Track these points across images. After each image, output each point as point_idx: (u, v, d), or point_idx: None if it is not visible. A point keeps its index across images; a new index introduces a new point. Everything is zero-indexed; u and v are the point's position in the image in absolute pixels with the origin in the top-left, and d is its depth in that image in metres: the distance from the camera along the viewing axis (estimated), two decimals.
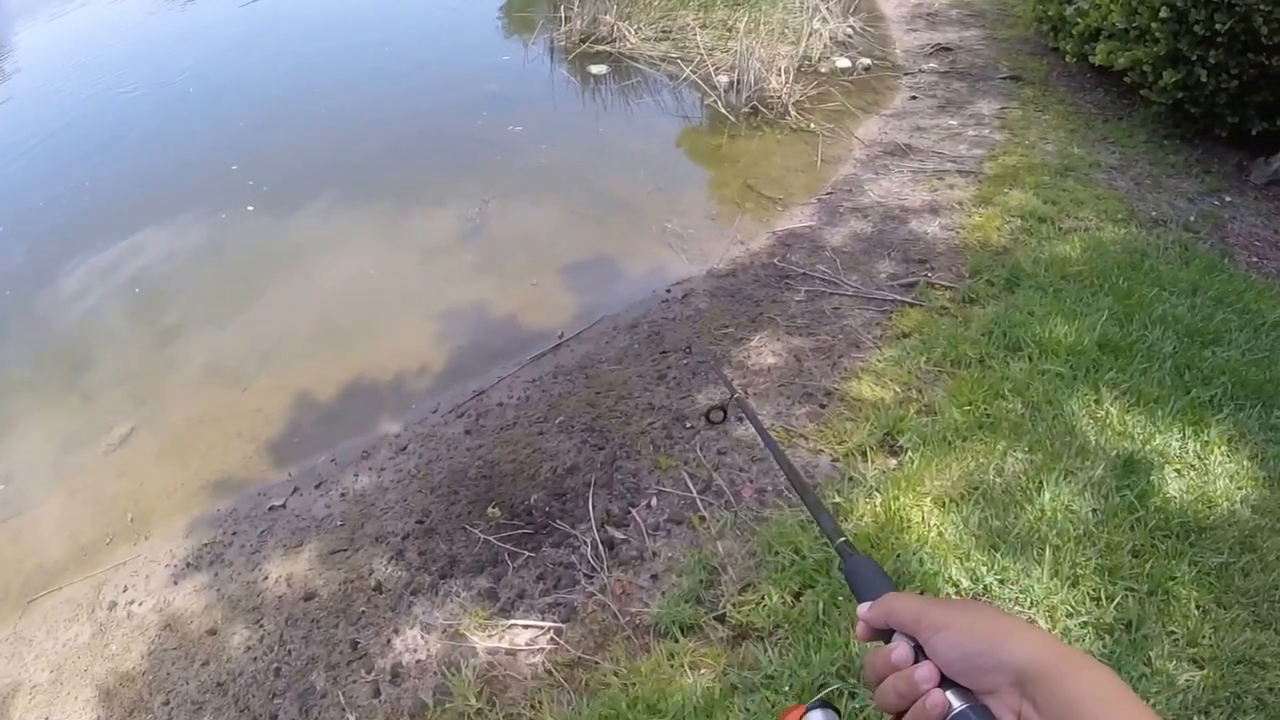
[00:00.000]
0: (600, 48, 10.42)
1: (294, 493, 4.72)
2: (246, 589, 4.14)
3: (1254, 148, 7.33)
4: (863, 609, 1.05)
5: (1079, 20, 8.31)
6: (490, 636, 3.65)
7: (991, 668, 0.88)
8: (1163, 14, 6.84)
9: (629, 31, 10.47)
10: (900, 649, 0.95)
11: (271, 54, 11.23)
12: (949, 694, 0.89)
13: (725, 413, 2.16)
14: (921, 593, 3.26)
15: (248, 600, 4.08)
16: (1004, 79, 9.40)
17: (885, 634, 1.01)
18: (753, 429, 1.77)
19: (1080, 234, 6.16)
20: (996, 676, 0.87)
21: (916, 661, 0.94)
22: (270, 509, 4.62)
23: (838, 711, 1.10)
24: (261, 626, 3.93)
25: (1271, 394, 4.50)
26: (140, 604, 4.20)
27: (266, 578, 4.18)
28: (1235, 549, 3.65)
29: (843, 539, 1.27)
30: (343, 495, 4.62)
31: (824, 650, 3.23)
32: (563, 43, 10.74)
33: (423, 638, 3.71)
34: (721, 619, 3.52)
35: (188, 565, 4.36)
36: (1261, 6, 6.27)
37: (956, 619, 0.93)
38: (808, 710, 1.11)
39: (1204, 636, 3.28)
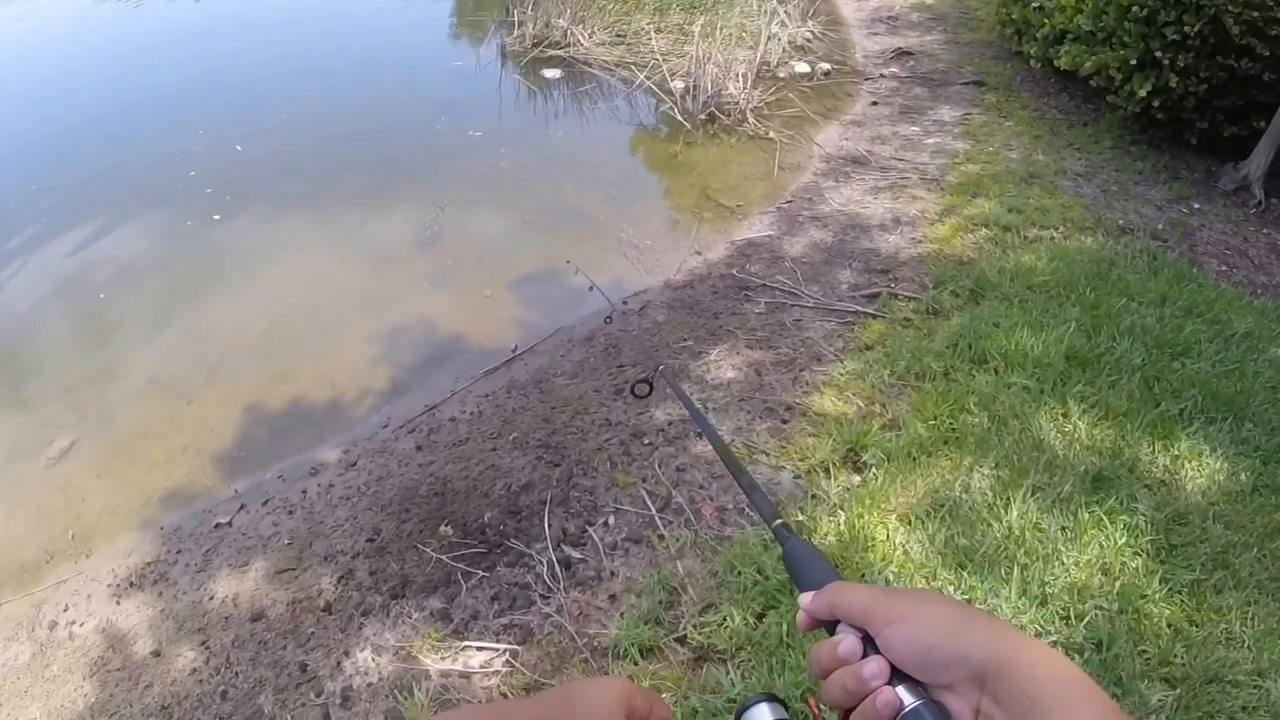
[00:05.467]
0: (553, 52, 10.36)
1: (240, 510, 4.59)
2: (192, 609, 4.02)
3: (1223, 153, 7.34)
4: (805, 599, 0.99)
5: (1044, 23, 8.30)
6: (444, 659, 3.57)
7: (949, 661, 0.83)
8: (1134, 13, 6.81)
9: (583, 36, 10.42)
10: (847, 641, 0.90)
11: (224, 62, 11.05)
12: (900, 689, 0.85)
13: (651, 386, 2.08)
14: None
15: (193, 621, 3.96)
16: (966, 84, 9.44)
17: (830, 624, 0.96)
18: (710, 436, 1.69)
19: (1046, 243, 6.15)
20: (955, 671, 0.83)
21: (865, 654, 0.89)
22: (216, 526, 4.50)
23: (784, 703, 1.00)
24: (207, 648, 3.81)
25: (1242, 406, 4.49)
26: (82, 624, 4.07)
27: (212, 598, 4.06)
28: (1207, 566, 3.63)
29: (779, 521, 1.21)
30: (290, 512, 4.50)
31: (788, 673, 3.17)
32: (515, 47, 10.69)
33: (374, 660, 3.61)
34: (682, 640, 3.45)
35: (131, 584, 4.24)
36: (1231, 8, 6.26)
37: (910, 610, 0.88)
38: (748, 706, 1.01)
39: (1176, 655, 3.25)
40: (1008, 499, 3.86)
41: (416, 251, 6.88)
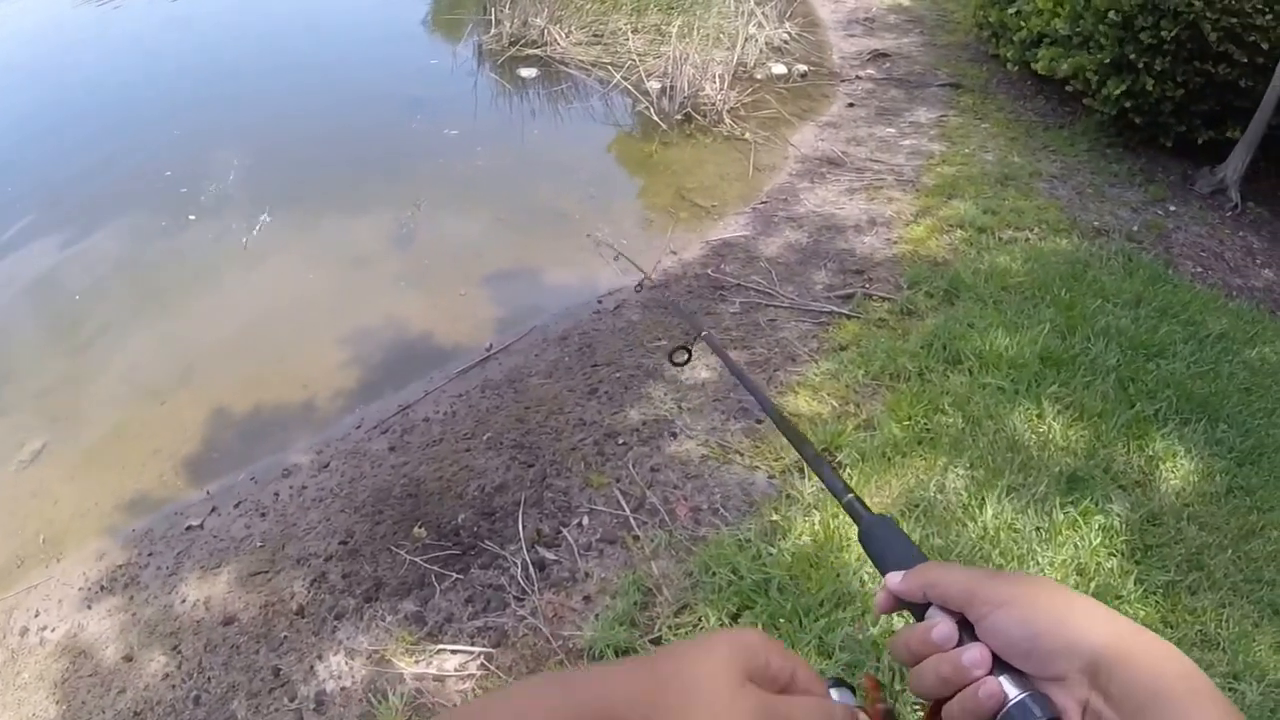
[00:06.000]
0: (530, 52, 10.29)
1: (212, 512, 4.54)
2: (163, 613, 3.97)
3: (1198, 157, 7.37)
4: (894, 579, 0.92)
5: (1021, 26, 8.31)
6: (418, 662, 3.54)
7: (1059, 651, 0.76)
8: (1110, 18, 6.82)
9: (559, 35, 10.35)
10: (943, 626, 0.83)
11: (200, 62, 10.92)
12: (1004, 680, 0.78)
13: (689, 352, 2.01)
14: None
15: (165, 625, 3.91)
16: (943, 86, 9.45)
17: (916, 607, 0.90)
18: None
19: (1021, 245, 6.16)
20: (1064, 662, 0.76)
21: (961, 641, 0.82)
22: (187, 529, 4.44)
23: (853, 690, 0.95)
24: (179, 653, 3.77)
25: (1217, 408, 4.50)
26: (53, 629, 4.02)
27: (184, 601, 4.01)
28: (1182, 567, 3.62)
29: (851, 494, 1.10)
30: (263, 515, 4.45)
31: None
32: (492, 46, 10.60)
33: (347, 664, 3.58)
34: (657, 642, 3.43)
35: (102, 588, 4.18)
36: (1208, 14, 6.27)
37: (1016, 594, 0.81)
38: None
39: None
40: (982, 499, 3.85)
41: (391, 250, 6.84)
